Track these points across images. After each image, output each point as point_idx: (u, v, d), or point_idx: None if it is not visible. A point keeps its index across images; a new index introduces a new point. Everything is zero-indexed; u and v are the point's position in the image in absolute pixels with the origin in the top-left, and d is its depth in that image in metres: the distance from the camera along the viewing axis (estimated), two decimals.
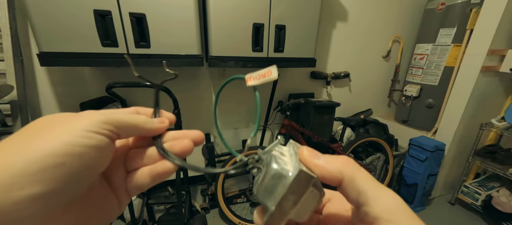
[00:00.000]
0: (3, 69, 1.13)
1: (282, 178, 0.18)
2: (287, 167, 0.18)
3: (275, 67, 0.20)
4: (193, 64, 1.26)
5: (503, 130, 1.61)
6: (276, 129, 1.98)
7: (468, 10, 1.64)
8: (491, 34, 1.48)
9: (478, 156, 1.75)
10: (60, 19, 0.99)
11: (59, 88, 1.36)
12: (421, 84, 1.98)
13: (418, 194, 1.74)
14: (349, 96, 2.23)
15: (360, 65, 2.15)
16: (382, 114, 2.45)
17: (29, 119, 1.27)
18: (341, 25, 1.92)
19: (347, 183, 0.18)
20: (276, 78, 0.20)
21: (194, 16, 1.18)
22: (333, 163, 0.18)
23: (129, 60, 0.25)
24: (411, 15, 2.17)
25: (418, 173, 1.72)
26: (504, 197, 1.62)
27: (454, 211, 1.84)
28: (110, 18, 1.05)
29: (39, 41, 0.99)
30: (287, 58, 1.51)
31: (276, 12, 1.37)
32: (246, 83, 0.21)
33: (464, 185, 1.82)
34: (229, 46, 1.34)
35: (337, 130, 2.08)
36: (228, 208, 1.53)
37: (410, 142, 1.78)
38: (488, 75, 1.61)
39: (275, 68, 0.20)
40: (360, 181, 0.17)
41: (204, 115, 1.76)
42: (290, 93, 1.95)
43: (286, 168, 0.18)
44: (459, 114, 1.68)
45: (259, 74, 0.20)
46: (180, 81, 1.58)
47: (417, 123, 2.05)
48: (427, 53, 1.92)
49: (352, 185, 0.17)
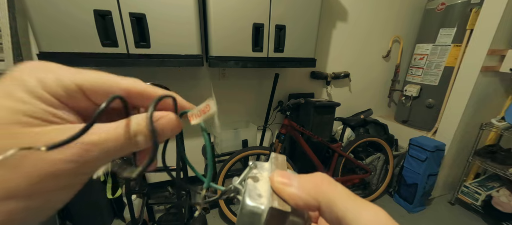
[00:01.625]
0: (3, 69, 1.13)
1: (256, 216, 0.17)
2: (261, 201, 0.17)
3: (213, 99, 0.19)
4: (193, 64, 1.26)
5: (503, 130, 1.61)
6: (276, 129, 1.98)
7: (468, 10, 1.64)
8: (491, 34, 1.48)
9: (478, 156, 1.75)
10: (60, 19, 0.99)
11: None
12: (421, 84, 1.98)
13: (418, 194, 1.74)
14: (349, 96, 2.23)
15: (360, 65, 2.15)
16: (382, 114, 2.45)
17: None
18: (341, 25, 1.92)
19: (324, 209, 0.16)
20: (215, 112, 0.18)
21: (194, 16, 1.18)
22: (306, 189, 0.16)
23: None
24: (411, 15, 2.17)
25: (418, 173, 1.72)
26: (504, 197, 1.62)
27: (454, 211, 1.84)
28: (110, 18, 1.05)
29: (39, 41, 0.99)
30: (287, 58, 1.51)
31: (276, 12, 1.36)
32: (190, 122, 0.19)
33: (464, 185, 1.82)
34: (229, 46, 1.34)
35: (337, 130, 2.08)
36: (228, 208, 1.53)
37: (410, 142, 1.78)
38: (488, 75, 1.61)
39: (213, 101, 0.19)
40: (338, 205, 0.15)
41: None
42: (290, 93, 1.95)
43: (258, 204, 0.17)
44: (459, 114, 1.68)
45: (199, 110, 0.19)
46: (180, 81, 1.58)
47: (417, 123, 2.05)
48: (427, 53, 1.92)
49: (329, 211, 0.16)
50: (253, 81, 1.80)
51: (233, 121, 1.84)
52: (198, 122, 0.19)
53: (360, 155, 1.92)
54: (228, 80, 1.72)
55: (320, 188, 0.16)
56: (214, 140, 1.73)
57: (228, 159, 1.45)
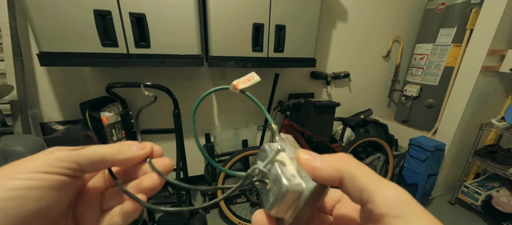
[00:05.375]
0: (3, 69, 1.13)
1: (297, 194, 0.17)
2: (297, 181, 0.17)
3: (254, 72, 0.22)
4: (193, 64, 1.26)
5: (503, 130, 1.61)
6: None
7: (468, 10, 1.64)
8: (491, 34, 1.48)
9: (478, 156, 1.75)
10: (60, 19, 0.99)
11: (59, 88, 1.36)
12: (421, 84, 1.98)
13: (418, 194, 1.74)
14: (349, 96, 2.23)
15: (360, 65, 2.15)
16: (382, 114, 2.45)
17: (29, 119, 1.27)
18: (341, 25, 1.92)
19: (347, 181, 0.17)
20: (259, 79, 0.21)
21: (194, 16, 1.18)
22: (330, 163, 0.17)
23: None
24: (411, 15, 2.17)
25: (418, 173, 1.71)
26: (504, 197, 1.62)
27: (454, 211, 1.84)
28: (110, 18, 1.05)
29: (39, 41, 0.99)
30: (287, 58, 1.51)
31: (276, 12, 1.36)
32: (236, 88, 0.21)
33: (464, 185, 1.82)
34: (229, 46, 1.34)
35: (337, 130, 2.08)
36: (228, 208, 1.53)
37: (410, 142, 1.78)
38: (488, 75, 1.61)
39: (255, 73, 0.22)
40: (360, 178, 0.16)
41: (204, 115, 1.76)
42: (290, 93, 1.95)
43: (296, 183, 0.17)
44: (459, 114, 1.68)
45: (244, 79, 0.22)
46: (180, 81, 1.58)
47: (417, 123, 2.05)
48: (427, 53, 1.92)
49: (352, 183, 0.16)
50: None
51: (233, 121, 1.84)
52: (245, 87, 0.21)
53: (360, 155, 1.92)
54: (228, 80, 1.72)
55: (344, 161, 0.17)
56: (213, 140, 1.73)
57: (228, 159, 1.45)
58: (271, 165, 0.19)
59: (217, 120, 1.81)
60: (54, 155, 0.17)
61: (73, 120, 1.41)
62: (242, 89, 0.21)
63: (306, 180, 0.17)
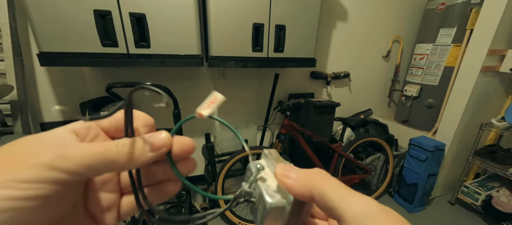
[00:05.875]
0: (3, 69, 1.13)
1: (280, 210, 0.18)
2: (277, 197, 0.19)
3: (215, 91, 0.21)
4: (193, 64, 1.26)
5: (503, 130, 1.61)
6: (276, 129, 1.98)
7: (468, 10, 1.64)
8: (491, 34, 1.48)
9: (478, 156, 1.75)
10: (60, 19, 0.99)
11: (59, 88, 1.36)
12: (421, 84, 1.98)
13: (418, 194, 1.73)
14: (349, 96, 2.22)
15: (360, 65, 2.15)
16: (382, 114, 2.45)
17: (29, 119, 1.27)
18: (341, 25, 1.92)
19: (318, 201, 0.17)
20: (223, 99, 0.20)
21: (194, 16, 1.18)
22: (301, 182, 0.17)
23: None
24: (411, 15, 2.17)
25: (418, 173, 1.71)
26: (504, 197, 1.62)
27: (454, 211, 1.84)
28: (110, 18, 1.05)
29: (39, 41, 0.99)
30: (287, 58, 1.51)
31: (276, 12, 1.36)
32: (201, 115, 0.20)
33: (464, 185, 1.82)
34: (229, 46, 1.34)
35: (337, 130, 2.08)
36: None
37: (410, 142, 1.78)
38: (488, 75, 1.61)
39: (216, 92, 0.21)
40: (330, 196, 0.16)
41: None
42: (290, 93, 1.95)
43: (277, 199, 0.18)
44: (459, 114, 1.68)
45: (208, 102, 0.21)
46: (180, 81, 1.58)
47: (417, 123, 2.05)
48: (427, 53, 1.92)
49: (323, 202, 0.16)
50: (253, 81, 1.80)
51: (233, 121, 1.84)
52: (210, 113, 0.20)
53: (360, 155, 1.92)
54: (228, 80, 1.73)
55: (312, 180, 0.17)
56: (213, 140, 1.72)
57: (228, 159, 1.45)
58: (256, 183, 0.20)
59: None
60: (43, 158, 0.14)
61: (73, 120, 1.41)
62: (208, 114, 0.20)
63: (287, 194, 0.18)
